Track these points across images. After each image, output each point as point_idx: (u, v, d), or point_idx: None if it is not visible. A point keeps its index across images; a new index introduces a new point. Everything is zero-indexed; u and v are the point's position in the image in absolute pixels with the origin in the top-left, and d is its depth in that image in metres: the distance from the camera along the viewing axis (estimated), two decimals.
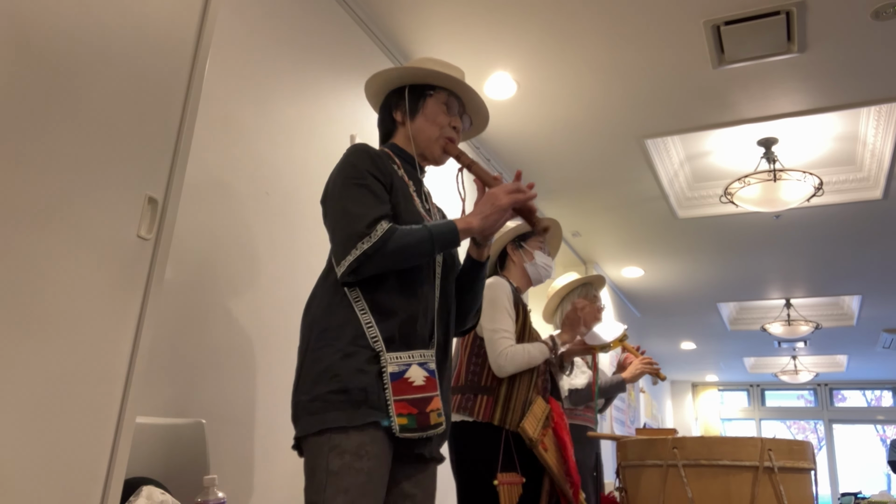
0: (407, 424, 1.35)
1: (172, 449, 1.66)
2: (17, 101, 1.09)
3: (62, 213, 1.15)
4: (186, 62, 1.45)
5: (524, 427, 1.94)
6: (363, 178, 1.45)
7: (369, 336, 1.39)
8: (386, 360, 1.38)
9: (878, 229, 5.13)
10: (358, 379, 1.34)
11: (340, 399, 1.33)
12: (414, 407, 1.37)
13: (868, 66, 3.26)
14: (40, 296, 1.10)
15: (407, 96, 1.63)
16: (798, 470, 1.48)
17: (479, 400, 2.03)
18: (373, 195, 1.44)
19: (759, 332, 7.89)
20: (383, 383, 1.36)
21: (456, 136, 1.64)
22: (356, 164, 1.48)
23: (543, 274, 2.31)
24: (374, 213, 1.40)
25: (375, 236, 1.37)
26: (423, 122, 1.62)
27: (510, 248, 2.33)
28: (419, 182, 1.64)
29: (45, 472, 1.08)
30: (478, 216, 1.48)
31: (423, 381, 1.41)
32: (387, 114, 1.68)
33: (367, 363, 1.36)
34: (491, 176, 1.56)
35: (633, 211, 5.03)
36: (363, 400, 1.33)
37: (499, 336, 2.05)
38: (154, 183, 1.34)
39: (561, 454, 2.04)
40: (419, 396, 1.39)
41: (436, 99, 1.63)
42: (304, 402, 1.37)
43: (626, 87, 3.50)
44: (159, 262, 1.33)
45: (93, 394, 1.17)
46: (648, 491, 1.55)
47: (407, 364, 1.40)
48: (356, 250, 1.37)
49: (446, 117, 1.63)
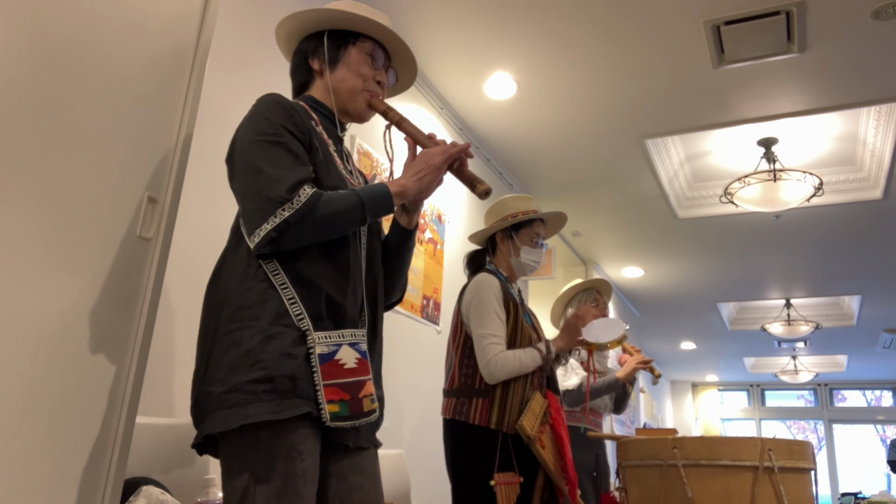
0: (338, 412, 1.19)
1: (172, 449, 1.66)
2: (17, 101, 1.09)
3: (62, 212, 1.15)
4: (186, 62, 1.45)
5: (522, 425, 1.91)
6: (279, 135, 1.27)
7: (293, 313, 1.21)
8: (314, 341, 1.21)
9: (878, 229, 5.13)
10: (284, 364, 1.17)
11: (264, 388, 1.15)
12: (346, 392, 1.21)
13: (868, 66, 3.26)
14: (41, 295, 1.10)
15: (326, 43, 1.44)
16: (798, 470, 1.48)
17: (474, 403, 2.00)
18: (291, 154, 1.26)
19: (759, 332, 7.89)
20: (311, 366, 1.20)
21: (380, 91, 1.47)
22: (270, 119, 1.28)
23: (527, 270, 2.23)
24: (295, 176, 1.22)
25: (298, 202, 1.20)
26: (346, 72, 1.43)
27: (500, 237, 2.24)
28: (339, 140, 1.47)
29: (46, 471, 1.08)
30: (412, 178, 1.34)
31: (354, 363, 1.24)
32: (302, 61, 1.47)
33: (292, 345, 1.19)
34: (424, 134, 1.41)
35: (633, 211, 5.03)
36: (291, 389, 1.16)
37: (487, 342, 1.99)
38: (154, 183, 1.34)
39: (558, 450, 2.03)
40: (351, 381, 1.23)
41: (359, 48, 1.44)
42: (217, 394, 1.16)
43: (626, 87, 3.50)
44: (159, 262, 1.33)
45: (93, 394, 1.17)
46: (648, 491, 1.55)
47: (337, 344, 1.24)
48: (275, 217, 1.19)
49: (371, 69, 1.45)
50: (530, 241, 2.22)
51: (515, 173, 4.50)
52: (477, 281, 2.10)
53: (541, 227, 2.27)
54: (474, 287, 2.09)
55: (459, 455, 2.01)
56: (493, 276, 2.13)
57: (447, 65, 3.32)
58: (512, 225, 2.23)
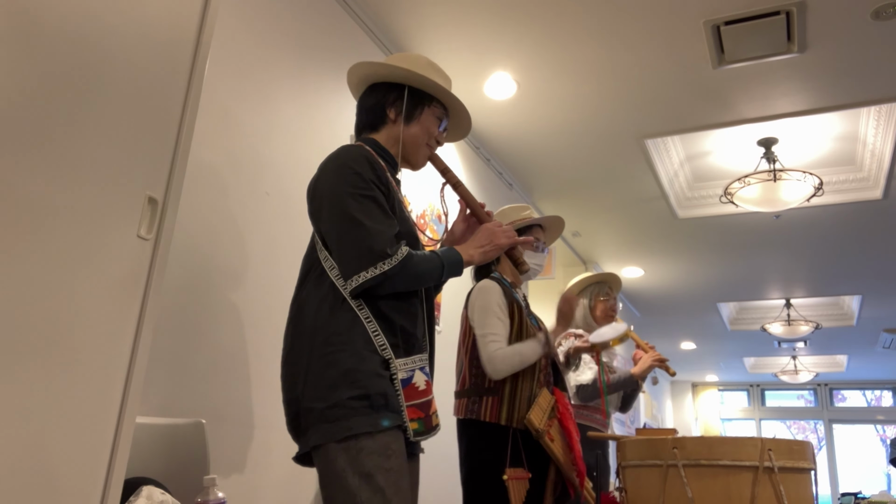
0: (418, 429, 1.40)
1: (172, 449, 1.66)
2: (17, 101, 1.09)
3: (62, 212, 1.15)
4: (186, 62, 1.45)
5: (530, 418, 1.95)
6: (370, 190, 1.44)
7: (377, 343, 1.40)
8: (396, 367, 1.40)
9: (878, 229, 5.13)
10: (377, 384, 1.35)
11: (364, 405, 1.32)
12: (421, 411, 1.42)
13: (868, 66, 3.26)
14: (40, 296, 1.10)
15: (406, 98, 1.61)
16: (798, 470, 1.48)
17: (484, 402, 2.04)
18: (381, 210, 1.44)
19: (759, 332, 7.89)
20: (395, 389, 1.39)
21: (436, 147, 1.68)
22: (361, 174, 1.45)
23: (532, 274, 2.27)
24: (391, 232, 1.42)
25: (396, 259, 1.39)
26: (418, 129, 1.62)
27: None
28: (398, 183, 1.64)
29: (46, 471, 1.08)
30: (478, 249, 1.57)
31: (424, 385, 1.44)
32: (379, 107, 1.64)
33: (380, 367, 1.38)
34: (478, 203, 1.62)
35: (633, 211, 5.03)
36: (384, 405, 1.34)
37: (487, 340, 2.04)
38: (154, 183, 1.34)
39: (567, 443, 2.05)
40: (423, 401, 1.43)
41: (433, 111, 1.64)
42: (319, 410, 1.33)
43: (626, 87, 3.50)
44: (159, 262, 1.33)
45: (93, 394, 1.17)
46: (648, 491, 1.55)
47: (412, 370, 1.43)
48: (375, 269, 1.37)
49: (437, 130, 1.65)
50: (531, 246, 2.29)
51: (515, 173, 4.50)
52: (479, 287, 2.17)
53: (540, 233, 2.35)
54: (477, 292, 2.16)
55: (473, 453, 2.05)
56: (497, 282, 2.19)
57: (447, 65, 3.32)
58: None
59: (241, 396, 2.09)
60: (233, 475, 2.01)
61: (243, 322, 2.14)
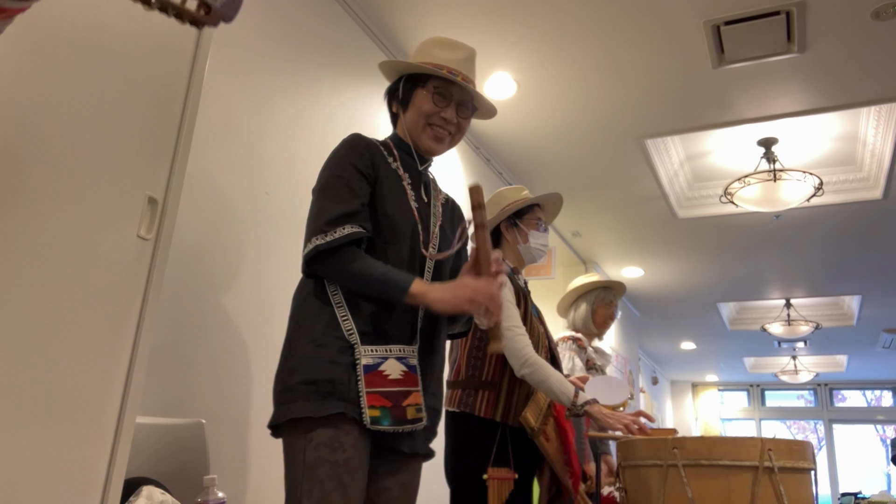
0: (379, 417, 1.33)
1: (172, 449, 1.66)
2: (17, 101, 1.09)
3: (63, 212, 1.15)
4: (186, 62, 1.45)
5: (526, 416, 1.90)
6: (344, 170, 1.45)
7: (344, 328, 1.38)
8: (360, 353, 1.36)
9: (878, 229, 5.13)
10: (327, 370, 1.34)
11: (309, 390, 1.33)
12: (388, 400, 1.35)
13: (868, 66, 3.26)
14: (40, 296, 1.10)
15: (401, 88, 1.60)
16: (798, 470, 1.48)
17: (480, 395, 1.99)
18: (348, 188, 1.43)
19: (759, 332, 7.89)
20: (356, 375, 1.34)
21: (444, 127, 1.57)
22: (342, 157, 1.48)
23: (537, 255, 2.21)
24: (340, 209, 1.39)
25: (332, 235, 1.36)
26: (412, 112, 1.58)
27: (504, 227, 2.22)
28: (419, 174, 1.60)
29: (46, 471, 1.08)
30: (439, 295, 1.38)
31: (399, 374, 1.39)
32: (388, 105, 1.67)
33: (338, 353, 1.36)
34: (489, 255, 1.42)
35: (633, 211, 5.03)
36: (331, 391, 1.32)
37: (514, 334, 1.96)
38: (154, 183, 1.34)
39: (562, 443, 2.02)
40: (394, 390, 1.37)
41: (426, 89, 1.57)
42: (277, 392, 1.39)
43: (626, 87, 3.50)
44: (159, 262, 1.33)
45: (93, 394, 1.17)
46: (648, 491, 1.55)
47: (383, 357, 1.38)
48: (310, 243, 1.37)
49: (433, 107, 1.55)
50: (535, 226, 2.21)
51: (515, 173, 4.50)
52: None
53: (540, 213, 2.26)
54: None
55: (463, 449, 2.00)
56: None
57: None
58: (514, 213, 2.22)
59: (241, 396, 2.09)
60: (233, 475, 2.01)
61: (243, 322, 2.14)
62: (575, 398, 1.92)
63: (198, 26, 0.78)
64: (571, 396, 1.92)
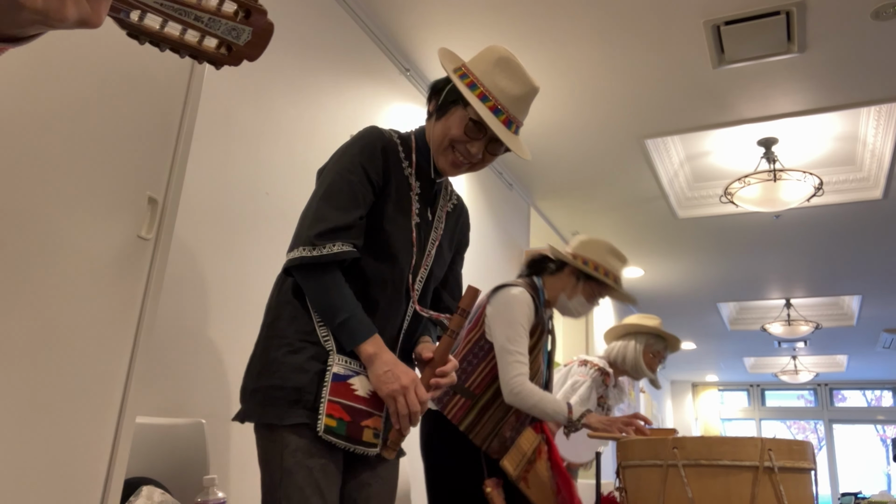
0: (335, 428, 1.27)
1: (172, 449, 1.66)
2: (16, 101, 1.09)
3: (62, 212, 1.15)
4: (186, 62, 1.45)
5: (504, 464, 1.85)
6: (352, 172, 1.36)
7: (320, 334, 1.33)
8: (333, 361, 1.31)
9: (878, 229, 5.13)
10: (295, 378, 1.29)
11: (277, 396, 1.30)
12: (347, 414, 1.29)
13: (868, 66, 3.26)
14: (41, 295, 1.10)
15: (444, 94, 1.47)
16: (798, 470, 1.48)
17: (455, 399, 1.98)
18: (351, 194, 1.34)
19: (759, 332, 7.89)
20: (323, 382, 1.30)
21: (463, 160, 1.47)
22: (354, 154, 1.39)
23: (567, 314, 2.19)
24: (335, 221, 1.30)
25: (319, 251, 1.28)
26: (441, 128, 1.46)
27: (569, 269, 2.16)
28: (430, 183, 1.50)
29: (46, 472, 1.08)
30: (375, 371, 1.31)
31: (366, 394, 1.32)
32: (428, 99, 1.54)
33: (309, 360, 1.31)
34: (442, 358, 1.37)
35: (633, 211, 5.03)
36: (296, 400, 1.29)
37: (514, 359, 1.94)
38: (154, 183, 1.34)
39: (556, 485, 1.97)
40: (358, 407, 1.31)
41: (463, 113, 1.44)
42: (248, 391, 1.36)
43: (626, 87, 3.50)
44: (159, 262, 1.33)
45: (93, 394, 1.17)
46: (648, 491, 1.55)
47: (354, 371, 1.33)
48: (295, 251, 1.31)
49: (462, 134, 1.44)
50: (590, 296, 2.16)
51: (515, 173, 4.51)
52: (515, 295, 2.03)
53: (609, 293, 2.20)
54: (512, 300, 2.02)
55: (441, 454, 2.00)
56: (535, 293, 2.08)
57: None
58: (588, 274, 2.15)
59: None
60: (233, 475, 2.01)
61: (243, 322, 2.14)
62: (570, 414, 1.93)
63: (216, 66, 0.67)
64: (566, 413, 1.93)
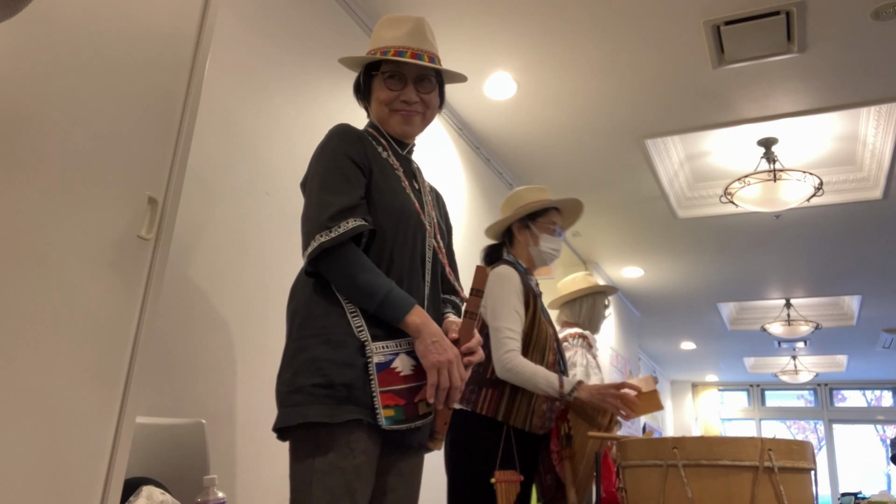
0: (394, 416, 1.29)
1: (172, 449, 1.66)
2: (16, 101, 1.09)
3: (62, 213, 1.15)
4: (186, 62, 1.45)
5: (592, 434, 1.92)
6: (339, 161, 1.40)
7: (354, 326, 1.33)
8: (371, 351, 1.31)
9: (878, 229, 5.13)
10: (344, 373, 1.29)
11: (324, 393, 1.27)
12: (401, 398, 1.31)
13: (868, 66, 3.26)
14: (41, 296, 1.10)
15: (361, 82, 1.59)
16: (798, 470, 1.48)
17: (483, 393, 1.97)
18: (344, 178, 1.38)
19: (759, 332, 7.89)
20: (369, 375, 1.30)
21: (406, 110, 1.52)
22: (335, 146, 1.43)
23: (548, 259, 2.19)
24: (340, 203, 1.33)
25: (336, 231, 1.31)
26: (374, 103, 1.56)
27: (516, 228, 2.20)
28: (407, 161, 1.58)
29: (46, 471, 1.08)
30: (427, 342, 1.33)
31: (410, 370, 1.34)
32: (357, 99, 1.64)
33: (353, 355, 1.31)
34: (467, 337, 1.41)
35: (633, 211, 5.03)
36: (347, 396, 1.28)
37: (504, 335, 1.96)
38: (154, 183, 1.34)
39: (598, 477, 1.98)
40: (406, 387, 1.33)
41: (379, 78, 1.53)
42: (284, 393, 1.32)
43: (626, 87, 3.50)
44: (159, 262, 1.33)
45: (93, 394, 1.17)
46: (648, 491, 1.55)
47: (394, 353, 1.34)
48: (314, 241, 1.31)
49: (389, 92, 1.51)
50: (548, 230, 2.19)
51: (515, 173, 4.50)
52: (498, 273, 2.06)
53: (557, 217, 2.23)
54: (495, 279, 2.05)
55: (461, 446, 1.98)
56: (514, 268, 2.09)
57: (447, 64, 3.31)
58: (528, 214, 2.20)
59: (241, 396, 2.09)
60: (233, 475, 2.01)
61: (243, 322, 2.14)
62: (561, 388, 1.94)
63: None
64: (557, 387, 1.93)
